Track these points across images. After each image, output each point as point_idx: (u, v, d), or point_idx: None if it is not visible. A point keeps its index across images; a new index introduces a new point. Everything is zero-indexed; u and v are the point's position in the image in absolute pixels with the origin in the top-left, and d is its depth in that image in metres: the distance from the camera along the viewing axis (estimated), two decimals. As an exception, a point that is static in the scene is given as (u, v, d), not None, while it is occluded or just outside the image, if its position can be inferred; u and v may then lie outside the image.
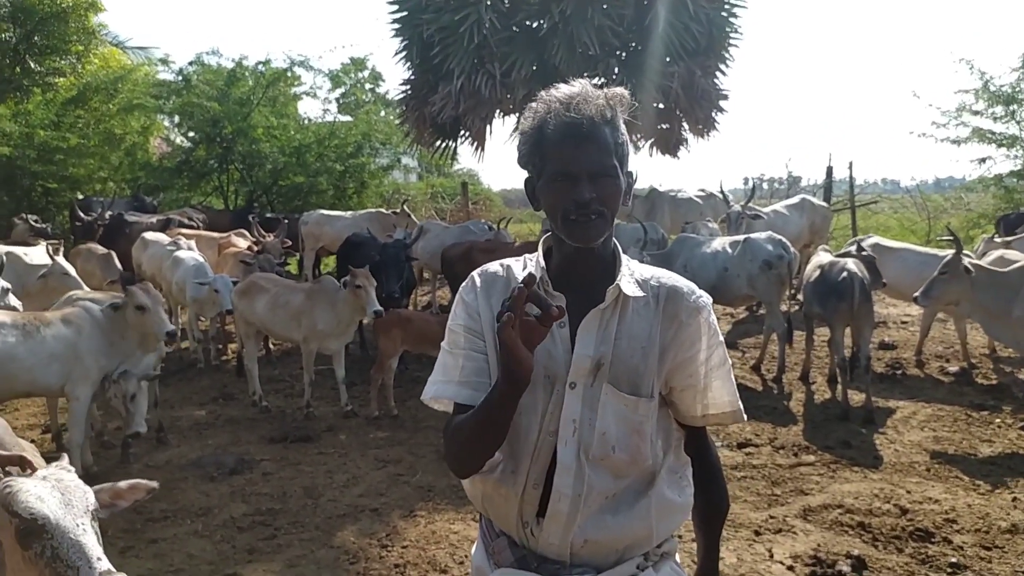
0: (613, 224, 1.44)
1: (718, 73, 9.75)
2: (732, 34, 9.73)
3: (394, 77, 52.26)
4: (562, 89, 1.42)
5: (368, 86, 20.88)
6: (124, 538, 3.93)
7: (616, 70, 9.15)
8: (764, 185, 20.57)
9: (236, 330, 7.03)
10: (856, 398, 5.75)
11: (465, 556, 3.67)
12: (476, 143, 10.32)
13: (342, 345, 6.03)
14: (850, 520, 3.94)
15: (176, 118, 16.26)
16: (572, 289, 1.43)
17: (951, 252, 5.50)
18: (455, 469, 1.49)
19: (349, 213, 11.77)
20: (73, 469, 1.76)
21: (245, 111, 14.62)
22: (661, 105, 9.61)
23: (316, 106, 34.72)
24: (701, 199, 11.68)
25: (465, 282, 1.55)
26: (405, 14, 9.57)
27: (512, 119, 9.99)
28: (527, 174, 1.48)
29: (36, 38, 14.83)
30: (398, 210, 11.13)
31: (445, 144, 10.89)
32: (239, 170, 15.41)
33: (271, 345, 7.95)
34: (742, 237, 6.93)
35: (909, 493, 4.26)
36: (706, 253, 6.88)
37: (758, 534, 3.85)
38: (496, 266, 1.55)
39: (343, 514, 4.22)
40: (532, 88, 8.35)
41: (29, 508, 1.56)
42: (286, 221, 10.11)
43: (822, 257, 6.24)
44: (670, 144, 10.35)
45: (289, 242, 8.91)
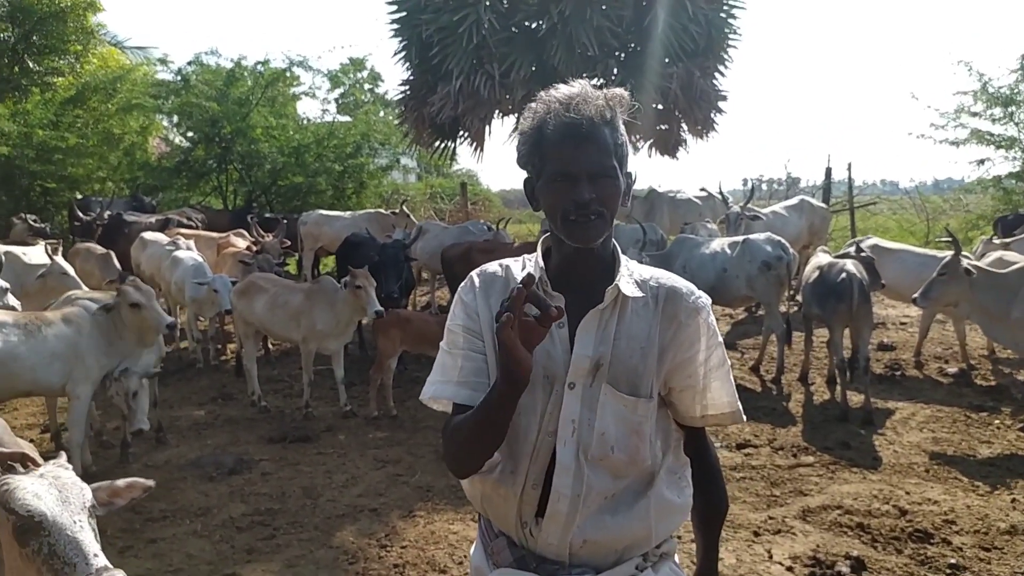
0: (612, 225, 1.44)
1: (717, 74, 9.76)
2: (731, 35, 9.75)
3: (393, 77, 52.27)
4: (562, 90, 1.41)
5: (367, 86, 20.89)
6: (123, 538, 3.92)
7: (615, 71, 9.15)
8: (763, 186, 20.54)
9: (235, 330, 7.02)
10: (855, 399, 5.75)
11: (464, 556, 3.67)
12: (475, 143, 10.33)
13: (341, 345, 6.03)
14: (849, 521, 3.95)
15: (175, 118, 16.24)
16: (571, 289, 1.43)
17: (950, 253, 5.49)
18: (454, 469, 1.48)
19: (348, 213, 11.77)
20: (71, 467, 1.76)
21: (244, 111, 14.60)
22: (660, 106, 9.61)
23: (315, 106, 34.73)
24: (700, 200, 11.69)
25: (464, 282, 1.55)
26: (404, 14, 9.58)
27: (511, 120, 10.00)
28: (526, 174, 1.48)
29: (35, 38, 14.83)
30: (397, 210, 11.12)
31: (444, 144, 10.89)
32: (238, 170, 15.39)
33: (270, 345, 7.94)
34: (741, 238, 6.93)
35: (908, 494, 4.27)
36: (705, 254, 6.88)
37: (757, 535, 3.85)
38: (495, 266, 1.55)
39: (342, 514, 4.22)
40: (531, 89, 8.35)
41: (26, 505, 1.55)
42: (285, 221, 10.09)
43: (821, 258, 6.24)
44: (669, 145, 10.36)
45: (288, 242, 8.91)
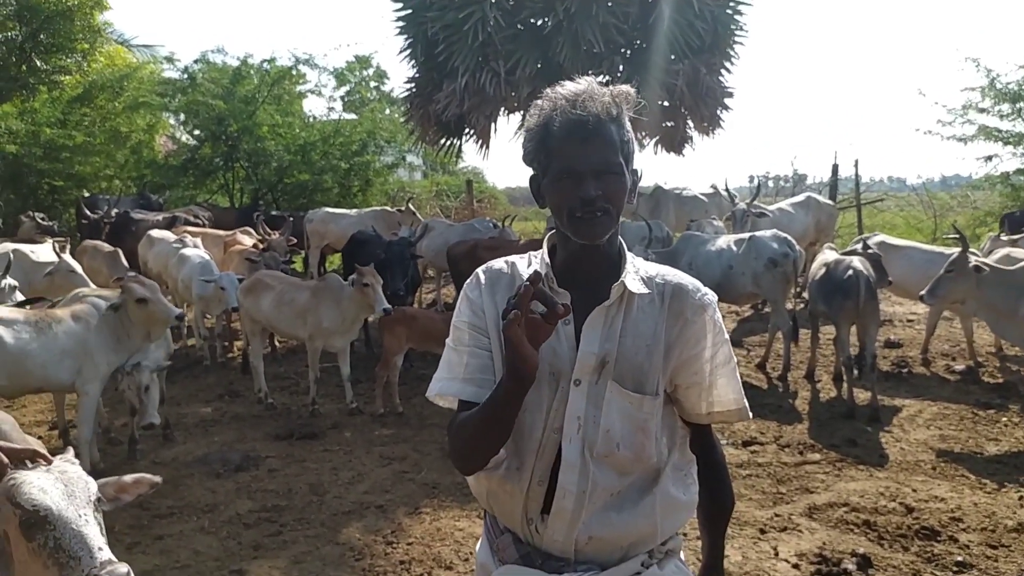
0: (618, 221, 1.43)
1: (723, 71, 9.74)
2: (737, 32, 9.73)
3: (399, 75, 52.27)
4: (568, 86, 1.41)
5: (373, 84, 20.96)
6: (131, 534, 3.94)
7: (621, 68, 9.15)
8: (769, 183, 20.55)
9: (242, 328, 7.05)
10: (862, 396, 5.73)
11: (470, 553, 3.68)
12: (481, 141, 10.34)
13: (347, 343, 6.04)
14: (856, 518, 3.94)
15: (182, 116, 16.27)
16: (577, 286, 1.43)
17: (957, 250, 5.47)
18: (460, 466, 1.49)
19: (354, 211, 11.77)
20: (78, 462, 1.77)
21: (250, 109, 14.63)
22: (666, 103, 9.60)
23: (321, 104, 34.83)
24: (706, 197, 11.67)
25: (470, 279, 1.55)
26: (410, 12, 9.59)
27: (517, 117, 10.00)
28: (532, 171, 1.48)
29: (42, 36, 14.87)
30: (403, 208, 11.12)
31: (450, 142, 10.90)
32: (244, 168, 15.42)
33: (277, 343, 7.97)
34: (747, 235, 6.91)
35: (915, 491, 4.25)
36: (711, 251, 6.86)
37: (763, 532, 3.84)
38: (501, 263, 1.55)
39: (348, 511, 4.23)
40: (537, 86, 8.35)
41: (32, 500, 1.56)
42: (291, 219, 10.12)
43: (828, 255, 6.22)
44: (675, 142, 10.35)
45: (294, 240, 8.92)
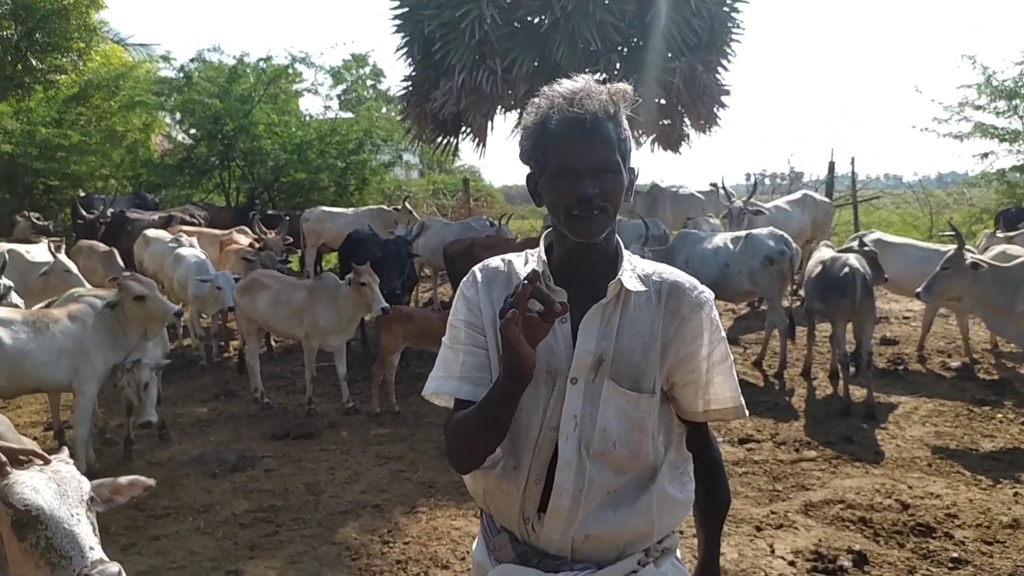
0: (615, 220, 1.43)
1: (720, 68, 9.74)
2: (734, 29, 9.72)
3: (395, 73, 52.07)
4: (565, 84, 1.41)
5: (369, 82, 20.91)
6: (126, 535, 3.94)
7: (617, 66, 9.13)
8: (766, 181, 20.59)
9: (238, 327, 7.03)
10: (857, 393, 5.74)
11: (466, 552, 3.68)
12: (477, 139, 10.32)
13: (343, 342, 6.03)
14: (851, 515, 3.95)
15: (177, 115, 16.24)
16: (574, 284, 1.43)
17: (953, 247, 5.49)
18: (456, 465, 1.49)
19: (351, 210, 11.76)
20: (72, 461, 1.76)
21: (246, 108, 14.59)
22: (663, 101, 9.60)
23: (317, 103, 34.76)
24: (703, 195, 11.67)
25: (466, 277, 1.54)
26: (406, 10, 9.56)
27: (513, 115, 9.99)
28: (529, 170, 1.47)
29: (37, 35, 14.84)
30: (400, 207, 11.11)
31: (446, 140, 10.88)
32: (240, 167, 15.39)
33: (273, 342, 7.95)
34: (744, 233, 6.92)
35: (910, 488, 4.26)
36: (707, 249, 6.87)
37: (759, 529, 3.85)
38: (497, 261, 1.54)
39: (345, 510, 4.23)
40: (533, 84, 8.33)
41: (24, 499, 1.56)
42: (287, 218, 10.09)
43: (824, 253, 6.23)
44: (671, 140, 10.35)
45: (291, 239, 8.91)
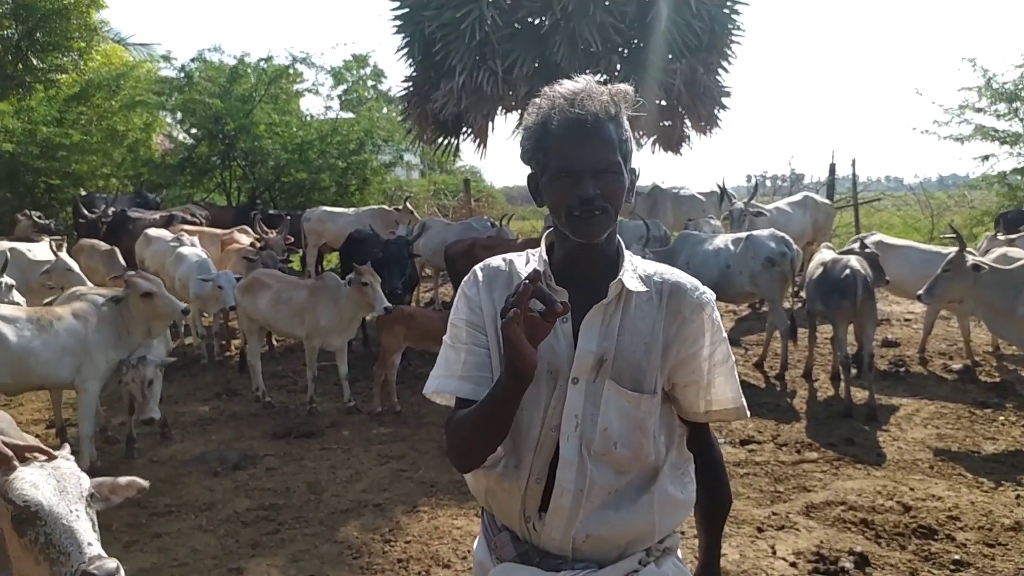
0: (616, 220, 1.43)
1: (720, 70, 9.75)
2: (734, 31, 9.73)
3: (396, 74, 52.13)
4: (566, 85, 1.41)
5: (370, 83, 20.94)
6: (128, 532, 3.94)
7: (618, 67, 9.14)
8: (767, 182, 20.57)
9: (239, 326, 7.04)
10: (859, 395, 5.74)
11: (467, 551, 3.68)
12: (478, 140, 10.34)
13: (345, 341, 6.04)
14: (853, 517, 3.95)
15: (178, 115, 16.25)
16: (575, 285, 1.43)
17: (954, 249, 5.48)
18: (457, 464, 1.49)
19: (352, 210, 11.76)
20: (73, 458, 1.77)
21: (247, 108, 14.60)
22: (663, 102, 9.60)
23: (318, 103, 34.76)
24: (704, 196, 11.68)
25: (467, 276, 1.55)
26: (407, 11, 9.57)
27: (514, 116, 10.00)
28: (530, 170, 1.47)
29: (38, 35, 14.85)
30: (400, 207, 11.12)
31: (447, 141, 10.89)
32: (241, 167, 15.40)
33: (274, 341, 7.96)
34: (744, 234, 6.91)
35: (912, 490, 4.26)
36: (708, 250, 6.87)
37: (761, 531, 3.85)
38: (498, 260, 1.54)
39: (346, 509, 4.24)
40: (534, 85, 8.35)
41: (23, 495, 1.57)
42: (288, 218, 10.10)
43: (825, 254, 6.23)
44: (672, 141, 10.36)
45: (292, 239, 8.92)
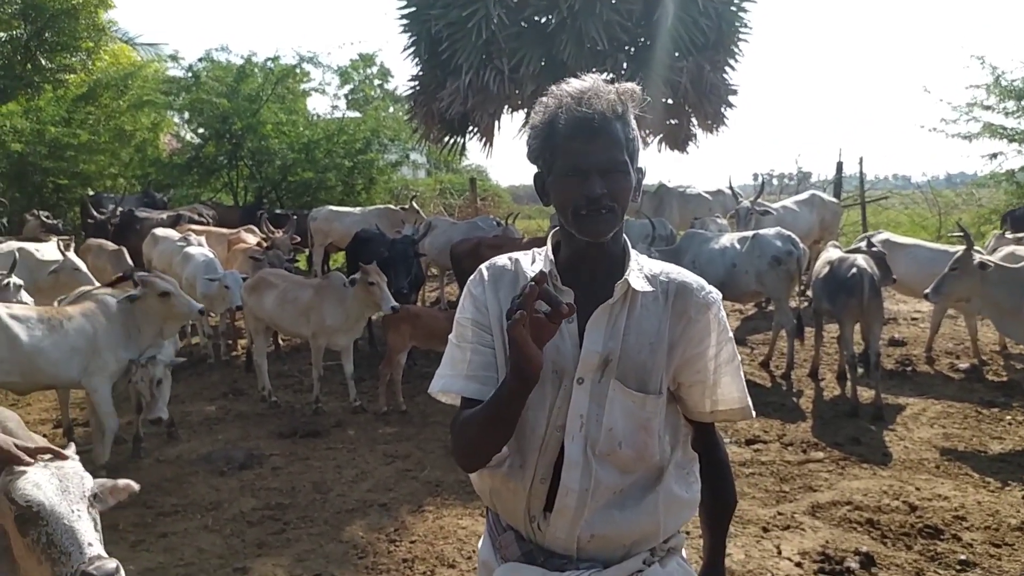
0: (623, 219, 1.43)
1: (727, 68, 9.70)
2: (741, 29, 9.69)
3: (402, 73, 52.27)
4: (573, 84, 1.41)
5: (377, 82, 20.95)
6: (134, 532, 3.96)
7: (624, 65, 9.12)
8: (773, 181, 20.42)
9: (245, 326, 7.05)
10: (865, 395, 5.72)
11: (472, 551, 3.68)
12: (484, 139, 10.32)
13: (351, 341, 6.05)
14: (859, 517, 3.93)
15: (186, 114, 16.30)
16: (581, 284, 1.43)
17: (962, 248, 5.46)
18: (462, 464, 1.49)
19: (358, 209, 11.78)
20: (77, 457, 1.78)
21: (254, 107, 14.63)
22: (670, 100, 9.57)
23: (325, 102, 34.77)
24: (710, 195, 11.64)
25: (473, 275, 1.54)
26: (413, 10, 9.57)
27: (520, 115, 9.99)
28: (537, 169, 1.47)
29: (47, 35, 14.93)
30: (407, 206, 11.12)
31: (453, 140, 10.88)
32: (248, 166, 15.43)
33: (280, 341, 7.97)
34: (751, 233, 6.90)
35: (918, 490, 4.25)
36: (715, 249, 6.85)
37: (766, 530, 3.84)
38: (504, 260, 1.54)
39: (352, 509, 4.24)
40: (540, 83, 8.35)
41: (25, 495, 1.58)
42: (295, 217, 10.13)
43: (832, 253, 6.21)
44: (679, 139, 10.32)
45: (298, 238, 8.93)
